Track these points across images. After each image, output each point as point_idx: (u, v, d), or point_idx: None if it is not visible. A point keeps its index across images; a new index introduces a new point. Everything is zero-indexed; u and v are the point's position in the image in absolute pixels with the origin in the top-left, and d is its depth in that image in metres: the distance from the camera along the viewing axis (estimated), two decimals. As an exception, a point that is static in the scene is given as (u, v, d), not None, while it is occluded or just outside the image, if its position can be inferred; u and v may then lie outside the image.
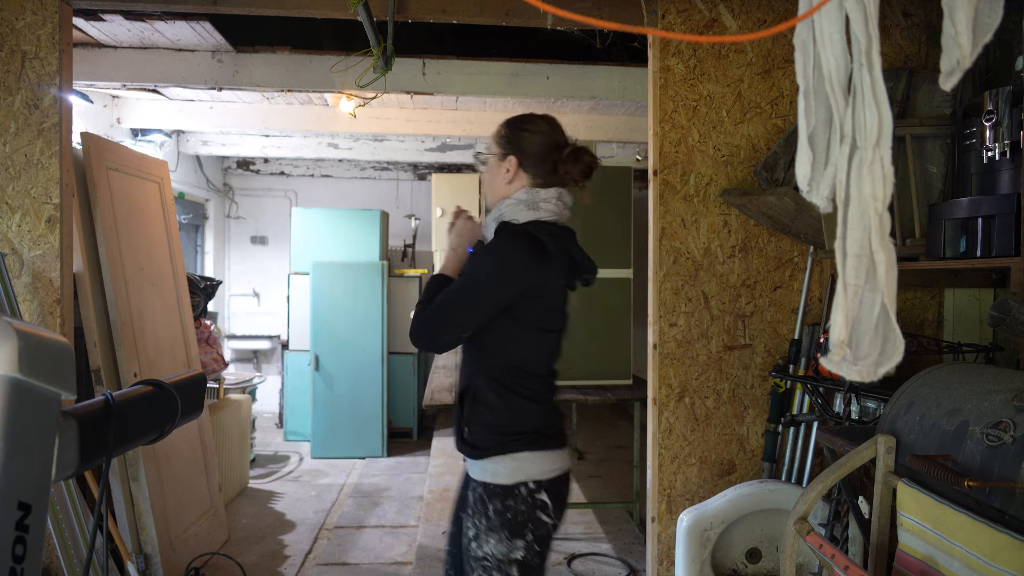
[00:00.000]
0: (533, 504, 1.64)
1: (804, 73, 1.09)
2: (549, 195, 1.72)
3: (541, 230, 1.68)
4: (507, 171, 1.74)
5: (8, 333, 0.73)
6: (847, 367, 1.08)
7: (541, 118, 1.79)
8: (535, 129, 1.76)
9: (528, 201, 1.71)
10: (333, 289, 5.84)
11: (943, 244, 2.14)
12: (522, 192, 1.72)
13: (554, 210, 1.73)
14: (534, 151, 1.74)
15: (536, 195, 1.72)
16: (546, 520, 1.66)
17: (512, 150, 1.75)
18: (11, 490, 0.72)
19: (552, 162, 1.74)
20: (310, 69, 4.08)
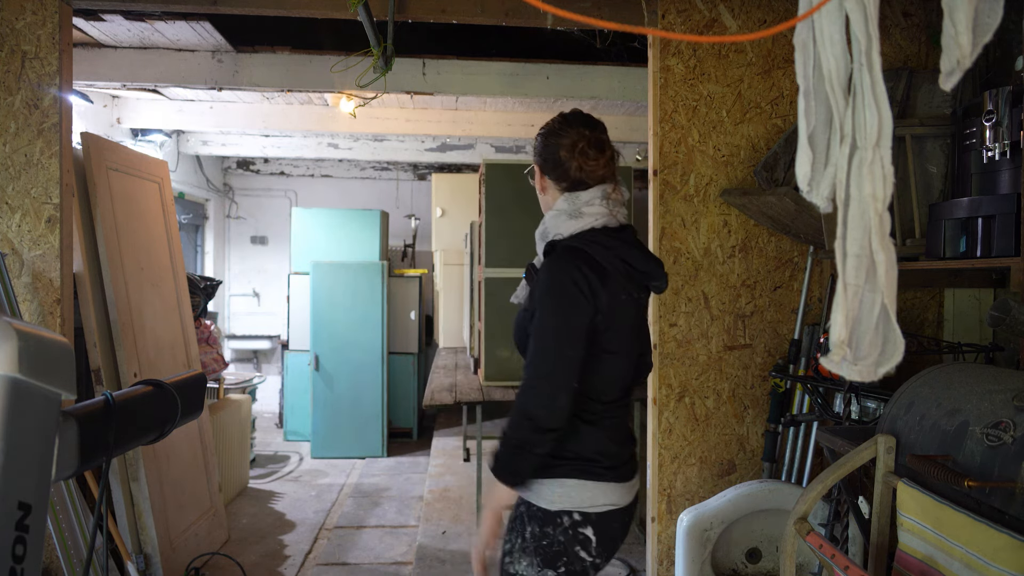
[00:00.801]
0: (573, 537, 1.51)
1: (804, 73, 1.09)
2: (592, 196, 1.57)
3: (590, 242, 1.53)
4: (536, 181, 1.67)
5: (8, 333, 0.73)
6: (847, 367, 1.08)
7: (562, 117, 1.65)
8: (552, 132, 1.64)
9: (568, 210, 1.57)
10: (333, 289, 5.84)
11: (943, 244, 2.14)
12: (561, 200, 1.60)
13: (600, 212, 1.57)
14: (550, 155, 1.62)
15: (576, 200, 1.58)
16: (584, 557, 1.52)
17: (536, 158, 1.66)
18: (11, 490, 0.72)
19: (568, 161, 1.60)
20: (310, 69, 4.08)
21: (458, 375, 4.48)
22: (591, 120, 1.65)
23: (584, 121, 1.64)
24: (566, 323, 1.47)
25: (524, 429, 1.44)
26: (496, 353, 3.86)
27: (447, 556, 3.56)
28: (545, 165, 1.64)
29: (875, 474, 1.67)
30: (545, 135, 1.65)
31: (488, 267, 3.88)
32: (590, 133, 1.62)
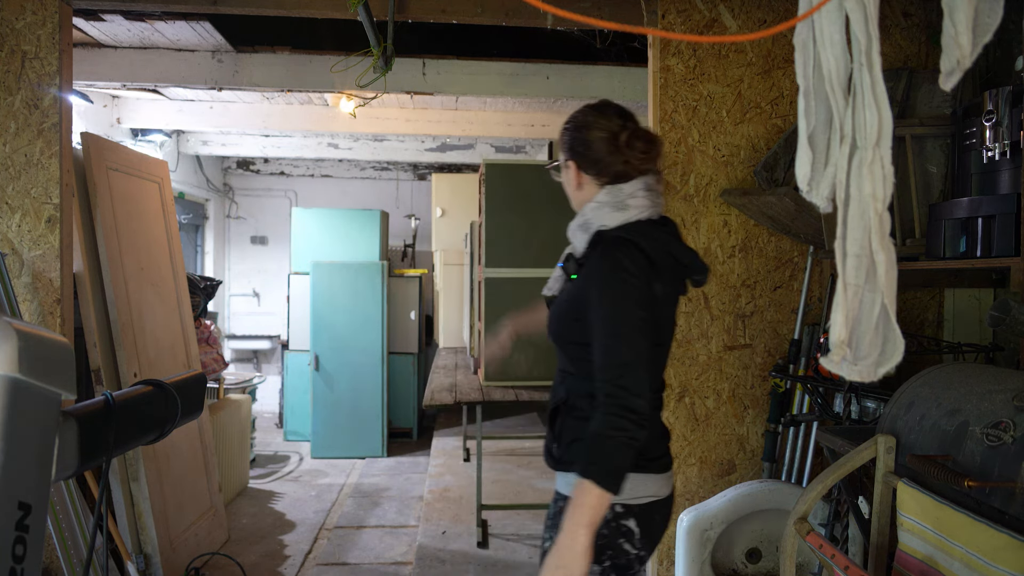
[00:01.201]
0: (617, 529, 1.48)
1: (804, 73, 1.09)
2: (634, 188, 1.54)
3: (637, 234, 1.50)
4: (571, 177, 1.60)
5: (8, 333, 0.73)
6: (847, 367, 1.08)
7: (593, 108, 1.60)
8: (585, 124, 1.57)
9: (612, 202, 1.53)
10: (333, 289, 5.84)
11: (943, 244, 2.14)
12: (603, 193, 1.55)
13: (644, 204, 1.54)
14: (588, 150, 1.56)
15: (619, 192, 1.54)
16: (629, 549, 1.49)
17: (569, 155, 1.60)
18: (11, 490, 0.72)
19: (612, 154, 1.54)
20: (310, 69, 4.08)
21: (458, 375, 4.49)
22: (624, 110, 1.60)
23: (619, 111, 1.59)
24: (632, 310, 1.43)
25: (628, 422, 1.34)
26: (496, 353, 3.86)
27: (447, 556, 3.56)
28: (583, 161, 1.57)
29: (875, 474, 1.67)
30: (578, 128, 1.58)
31: (488, 267, 3.88)
32: (632, 124, 1.57)
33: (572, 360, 1.56)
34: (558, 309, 1.60)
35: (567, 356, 1.58)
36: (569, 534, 1.33)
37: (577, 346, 1.52)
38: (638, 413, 1.35)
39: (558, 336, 1.60)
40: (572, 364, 1.56)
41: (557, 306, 1.61)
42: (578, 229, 1.58)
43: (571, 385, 1.56)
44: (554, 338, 1.62)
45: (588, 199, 1.58)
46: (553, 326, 1.61)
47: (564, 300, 1.59)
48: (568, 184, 1.63)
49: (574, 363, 1.55)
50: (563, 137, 1.61)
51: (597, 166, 1.56)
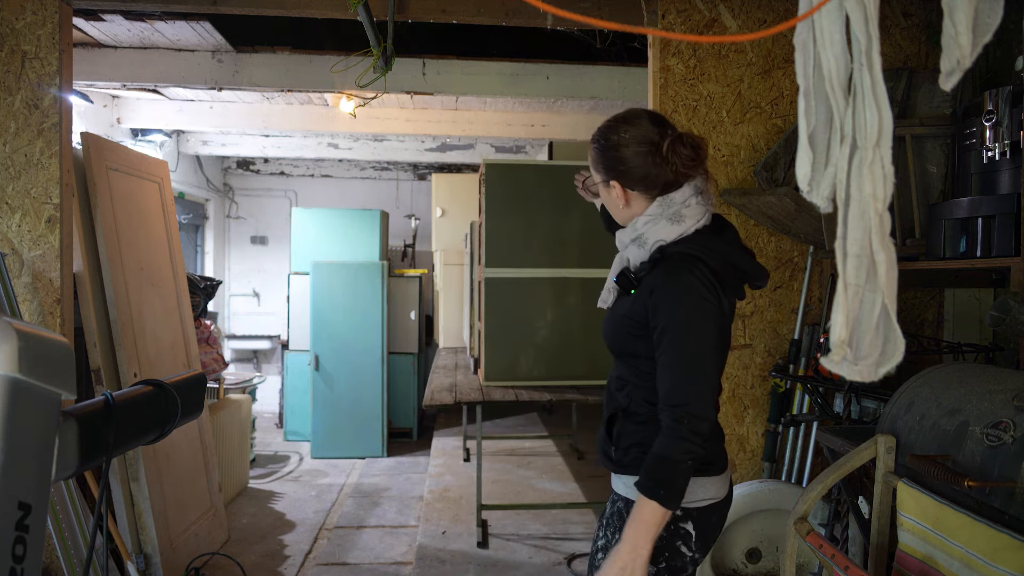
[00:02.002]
0: (675, 532, 1.49)
1: (804, 73, 1.09)
2: (686, 196, 1.50)
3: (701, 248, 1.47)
4: (617, 196, 1.54)
5: (8, 333, 0.73)
6: (847, 367, 1.08)
7: (624, 120, 1.54)
8: (621, 142, 1.51)
9: (666, 214, 1.49)
10: (333, 289, 5.85)
11: (943, 244, 2.14)
12: (655, 206, 1.50)
13: (700, 211, 1.51)
14: (632, 167, 1.50)
15: (671, 202, 1.49)
16: (685, 552, 1.50)
17: (611, 175, 1.54)
18: (11, 490, 0.72)
19: (657, 165, 1.50)
20: (310, 69, 4.08)
21: (458, 375, 4.49)
22: (657, 115, 1.56)
23: (652, 118, 1.53)
24: (705, 334, 1.44)
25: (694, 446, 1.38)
26: (496, 353, 3.86)
27: (447, 556, 3.56)
28: (628, 179, 1.52)
29: (875, 474, 1.67)
30: (614, 147, 1.52)
31: (488, 267, 3.88)
32: (672, 131, 1.52)
33: (632, 370, 1.56)
34: (615, 323, 1.59)
35: (626, 366, 1.58)
36: (631, 547, 1.37)
37: (639, 359, 1.53)
38: (704, 435, 1.39)
39: (617, 348, 1.60)
40: (632, 374, 1.56)
41: (614, 320, 1.60)
42: (632, 244, 1.54)
43: (631, 393, 1.56)
44: (612, 349, 1.62)
45: (639, 213, 1.53)
46: (612, 338, 1.61)
47: (622, 315, 1.56)
48: (614, 203, 1.57)
49: (635, 373, 1.55)
50: (597, 157, 1.56)
51: (645, 181, 1.51)
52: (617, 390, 1.61)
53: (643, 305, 1.49)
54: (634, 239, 1.53)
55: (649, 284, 1.49)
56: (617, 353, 1.61)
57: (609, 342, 1.62)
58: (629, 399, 1.57)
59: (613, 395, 1.63)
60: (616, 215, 1.60)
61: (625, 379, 1.59)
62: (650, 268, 1.51)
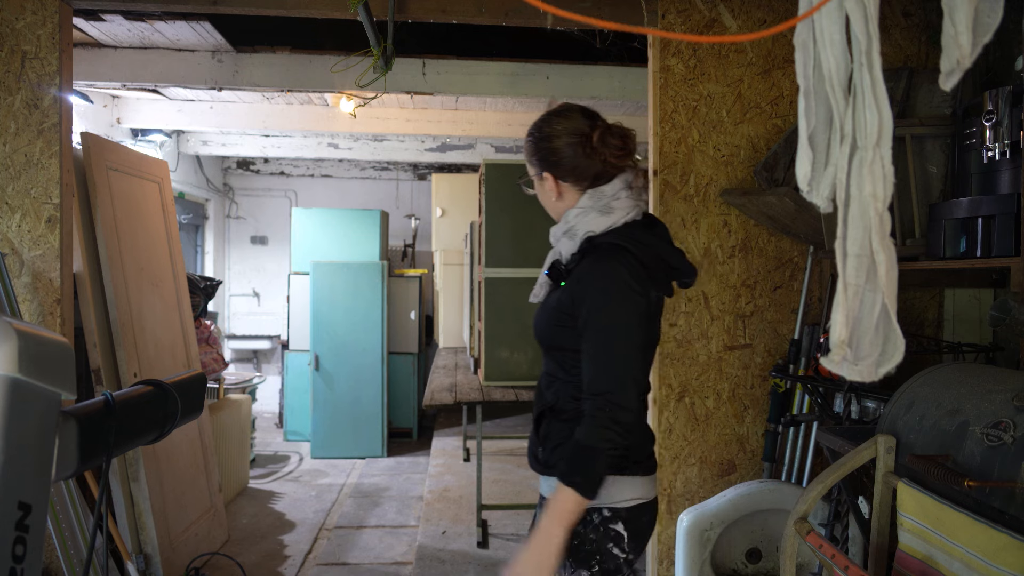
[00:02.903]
0: (605, 534, 1.47)
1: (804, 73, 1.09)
2: (616, 189, 1.52)
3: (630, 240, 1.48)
4: (549, 188, 1.56)
5: (8, 333, 0.73)
6: (847, 367, 1.08)
7: (556, 114, 1.56)
8: (552, 133, 1.54)
9: (597, 206, 1.51)
10: (333, 289, 5.84)
11: (943, 244, 2.14)
12: (585, 198, 1.52)
13: (630, 204, 1.52)
14: (563, 159, 1.53)
15: (602, 195, 1.51)
16: (617, 554, 1.48)
17: (544, 166, 1.56)
18: (11, 490, 0.72)
19: (588, 157, 1.52)
20: (310, 69, 4.08)
21: (458, 375, 4.49)
22: (588, 109, 1.58)
23: (584, 112, 1.56)
24: (629, 321, 1.43)
25: (614, 434, 1.36)
26: (496, 353, 3.86)
27: (447, 556, 3.56)
28: (559, 170, 1.54)
29: (875, 474, 1.67)
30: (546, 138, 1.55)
31: (488, 267, 3.88)
32: (601, 122, 1.55)
33: (560, 364, 1.55)
34: (546, 315, 1.58)
35: (554, 360, 1.57)
36: (546, 534, 1.36)
37: (565, 352, 1.52)
38: (624, 425, 1.37)
39: (546, 341, 1.59)
40: (560, 368, 1.55)
41: (545, 312, 1.59)
42: (564, 237, 1.55)
43: (559, 389, 1.55)
44: (542, 343, 1.61)
45: (571, 206, 1.55)
46: (541, 331, 1.60)
47: (552, 307, 1.56)
48: (546, 196, 1.59)
49: (562, 367, 1.55)
50: (531, 149, 1.57)
51: (575, 172, 1.53)
52: (546, 387, 1.59)
53: (570, 296, 1.48)
54: (565, 231, 1.54)
55: (577, 274, 1.49)
56: (546, 347, 1.59)
57: (539, 335, 1.60)
58: (556, 396, 1.55)
59: (542, 393, 1.60)
60: (549, 208, 1.62)
61: (553, 375, 1.57)
62: (579, 259, 1.51)
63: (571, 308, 1.48)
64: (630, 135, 1.56)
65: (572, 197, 1.55)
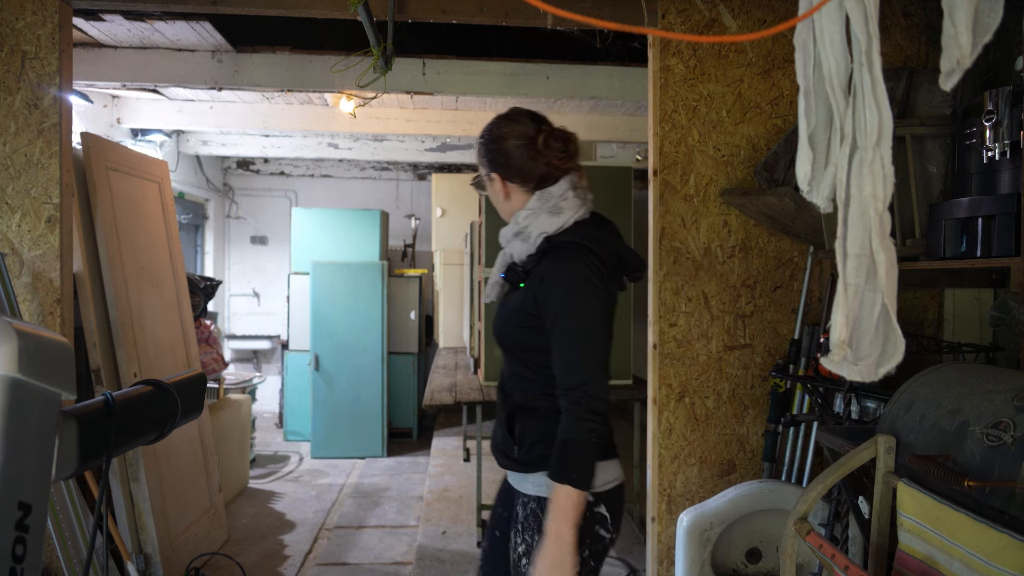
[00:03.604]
0: (592, 518, 1.53)
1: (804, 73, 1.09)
2: (563, 189, 1.59)
3: (586, 238, 1.55)
4: (498, 189, 1.64)
5: (8, 333, 0.73)
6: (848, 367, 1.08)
7: (505, 118, 1.64)
8: (500, 135, 1.62)
9: (545, 207, 1.57)
10: (333, 289, 5.84)
11: (943, 244, 2.14)
12: (534, 199, 1.59)
13: (577, 203, 1.59)
14: (510, 160, 1.60)
15: (550, 195, 1.58)
16: (604, 535, 1.55)
17: (493, 167, 1.63)
18: (11, 490, 0.72)
19: (533, 159, 1.59)
20: (310, 69, 4.07)
21: (458, 375, 4.49)
22: (536, 113, 1.66)
23: (531, 116, 1.64)
24: (595, 317, 1.50)
25: (596, 424, 1.43)
26: (496, 353, 3.86)
27: (447, 556, 3.56)
28: (507, 171, 1.61)
29: (875, 474, 1.67)
30: (494, 140, 1.62)
31: (488, 267, 3.88)
32: (547, 126, 1.63)
33: (526, 365, 1.59)
34: (508, 317, 1.62)
35: (519, 361, 1.61)
36: (558, 535, 1.42)
37: (531, 351, 1.57)
38: (601, 414, 1.44)
39: (510, 343, 1.63)
40: (526, 368, 1.59)
41: (506, 314, 1.63)
42: (515, 239, 1.61)
43: (527, 388, 1.59)
44: (504, 345, 1.65)
45: (519, 207, 1.62)
46: (502, 334, 1.64)
47: (514, 308, 1.60)
48: (496, 196, 1.66)
49: (528, 367, 1.59)
50: (481, 151, 1.64)
51: (521, 173, 1.60)
52: (512, 388, 1.63)
53: (533, 296, 1.53)
54: (517, 233, 1.60)
55: (538, 274, 1.54)
56: (510, 348, 1.63)
57: (501, 338, 1.65)
58: (525, 395, 1.59)
59: (508, 394, 1.65)
60: (499, 208, 1.68)
61: (520, 375, 1.61)
62: (538, 259, 1.56)
63: (535, 309, 1.53)
64: (572, 138, 1.64)
65: (520, 198, 1.62)
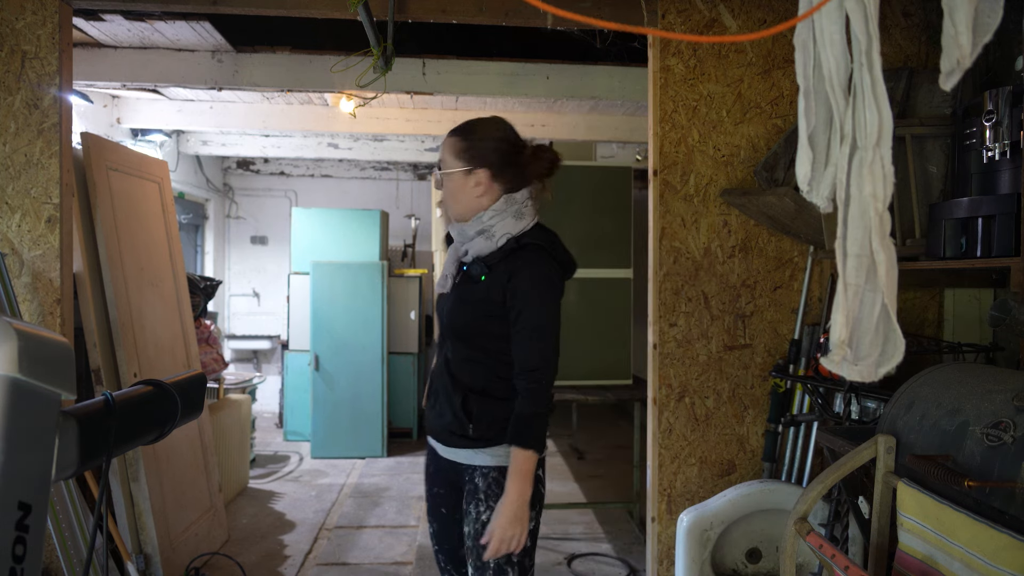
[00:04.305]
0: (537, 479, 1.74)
1: (804, 73, 1.09)
2: (524, 197, 1.78)
3: (547, 241, 1.76)
4: (476, 184, 1.76)
5: (8, 333, 0.73)
6: (848, 367, 1.08)
7: (492, 122, 1.82)
8: (495, 136, 1.79)
9: (510, 210, 1.75)
10: (333, 289, 5.84)
11: (943, 244, 2.14)
12: (501, 202, 1.75)
13: (534, 211, 1.79)
14: (500, 159, 1.76)
15: (514, 200, 1.76)
16: (543, 492, 1.80)
17: (479, 163, 1.75)
18: (11, 490, 0.72)
19: (517, 164, 1.77)
20: (310, 69, 4.07)
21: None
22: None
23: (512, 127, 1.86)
24: (554, 313, 1.73)
25: (549, 402, 1.69)
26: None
27: (447, 556, 3.56)
28: (494, 170, 1.75)
29: (875, 474, 1.67)
30: (492, 140, 1.77)
31: (488, 267, 3.87)
32: (532, 140, 1.84)
33: (482, 350, 1.76)
34: (470, 308, 1.76)
35: (473, 347, 1.76)
36: (519, 492, 1.65)
37: (490, 338, 1.74)
38: (550, 391, 1.71)
39: (467, 331, 1.77)
40: (482, 353, 1.76)
41: (466, 305, 1.77)
42: (478, 236, 1.75)
43: (482, 373, 1.76)
44: (461, 333, 1.78)
45: (483, 207, 1.76)
46: (459, 322, 1.78)
47: (479, 299, 1.74)
48: (467, 192, 1.76)
49: (484, 352, 1.76)
50: (466, 146, 1.77)
51: (506, 175, 1.76)
52: (462, 372, 1.78)
53: (501, 290, 1.71)
54: (480, 231, 1.75)
55: (506, 271, 1.71)
56: (469, 335, 1.78)
57: (459, 326, 1.79)
58: (480, 379, 1.76)
59: (457, 377, 1.78)
60: (463, 205, 1.78)
61: (475, 359, 1.77)
62: (503, 256, 1.73)
63: (501, 299, 1.71)
64: (558, 162, 1.82)
65: (490, 199, 1.77)
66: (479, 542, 1.72)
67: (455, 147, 1.78)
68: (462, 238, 1.79)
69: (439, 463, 1.89)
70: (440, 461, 1.89)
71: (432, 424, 1.87)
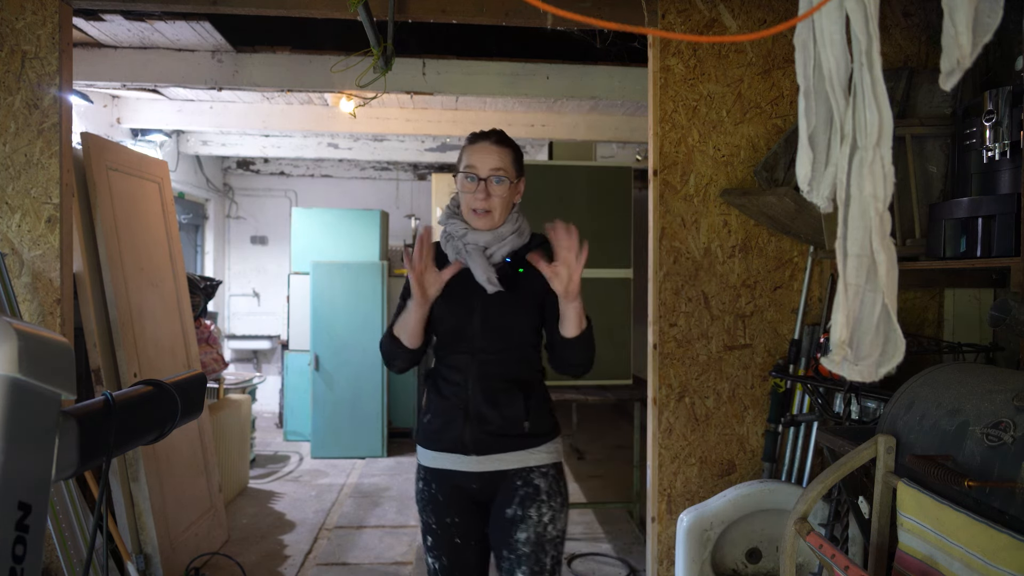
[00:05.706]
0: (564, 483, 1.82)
1: (804, 73, 1.09)
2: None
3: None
4: (518, 192, 1.88)
5: (8, 333, 0.73)
6: (848, 367, 1.08)
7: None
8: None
9: (519, 213, 1.87)
10: (333, 289, 5.84)
11: (943, 244, 2.14)
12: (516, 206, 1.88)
13: None
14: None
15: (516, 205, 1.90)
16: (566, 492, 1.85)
17: (522, 174, 1.89)
18: (11, 490, 0.72)
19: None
20: (310, 69, 4.07)
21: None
22: None
23: None
24: None
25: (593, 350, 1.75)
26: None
27: (447, 556, 3.56)
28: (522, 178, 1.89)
29: (875, 474, 1.67)
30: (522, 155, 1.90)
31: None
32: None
33: (532, 345, 1.81)
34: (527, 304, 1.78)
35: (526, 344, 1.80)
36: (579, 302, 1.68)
37: (531, 332, 1.80)
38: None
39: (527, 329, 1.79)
40: (532, 349, 1.81)
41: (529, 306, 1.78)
42: (512, 235, 1.81)
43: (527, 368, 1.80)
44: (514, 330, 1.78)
45: (511, 211, 1.85)
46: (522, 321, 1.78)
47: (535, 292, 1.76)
48: (512, 197, 1.85)
49: (534, 347, 1.82)
50: (517, 159, 1.87)
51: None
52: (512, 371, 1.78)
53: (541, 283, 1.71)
54: (515, 230, 1.82)
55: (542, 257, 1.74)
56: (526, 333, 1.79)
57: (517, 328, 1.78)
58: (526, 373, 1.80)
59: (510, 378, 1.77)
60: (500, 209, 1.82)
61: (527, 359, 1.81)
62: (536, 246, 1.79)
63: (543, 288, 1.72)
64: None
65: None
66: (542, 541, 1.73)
67: (514, 157, 1.85)
68: (496, 240, 1.80)
69: (457, 487, 1.89)
70: (459, 484, 1.87)
71: (457, 438, 1.82)
